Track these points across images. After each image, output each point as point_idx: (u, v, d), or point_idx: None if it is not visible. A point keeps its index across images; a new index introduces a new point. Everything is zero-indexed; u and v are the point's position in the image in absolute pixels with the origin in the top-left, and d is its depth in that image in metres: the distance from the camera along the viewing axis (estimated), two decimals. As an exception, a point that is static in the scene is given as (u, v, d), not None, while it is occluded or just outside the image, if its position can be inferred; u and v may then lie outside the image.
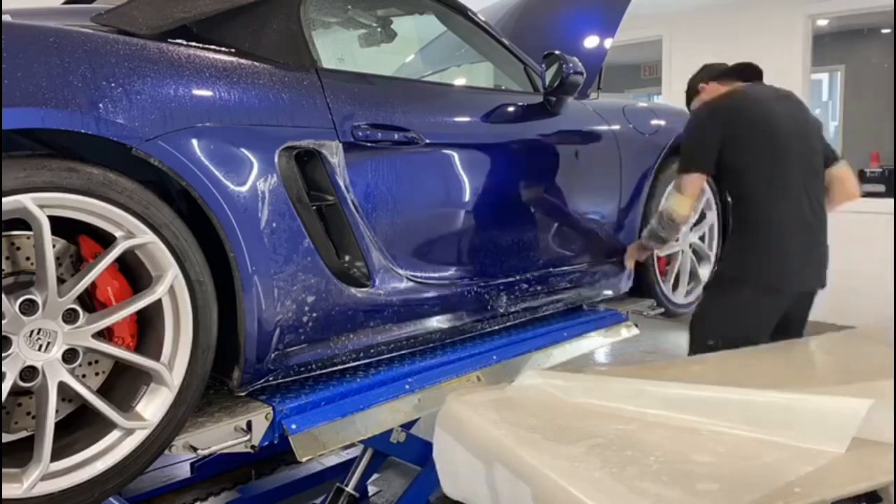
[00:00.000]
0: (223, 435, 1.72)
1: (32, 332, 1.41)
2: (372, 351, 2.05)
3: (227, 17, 1.85)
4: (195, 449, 1.68)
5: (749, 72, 2.70)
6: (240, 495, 2.97)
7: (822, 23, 6.03)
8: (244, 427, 1.75)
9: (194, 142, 1.60)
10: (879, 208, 5.22)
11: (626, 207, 2.85)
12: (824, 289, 2.57)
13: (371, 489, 3.08)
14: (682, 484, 1.29)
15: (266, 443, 1.79)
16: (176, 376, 1.59)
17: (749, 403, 1.54)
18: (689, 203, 2.52)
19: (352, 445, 2.28)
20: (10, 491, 1.37)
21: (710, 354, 2.31)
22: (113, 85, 1.50)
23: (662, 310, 3.12)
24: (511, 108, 2.47)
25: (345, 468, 2.72)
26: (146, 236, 1.51)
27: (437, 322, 2.21)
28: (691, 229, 3.21)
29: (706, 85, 2.72)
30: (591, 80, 2.87)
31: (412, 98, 2.23)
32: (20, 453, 1.44)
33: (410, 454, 2.44)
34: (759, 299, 2.45)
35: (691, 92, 2.82)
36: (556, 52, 2.39)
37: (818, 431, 1.41)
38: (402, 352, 2.20)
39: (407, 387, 2.08)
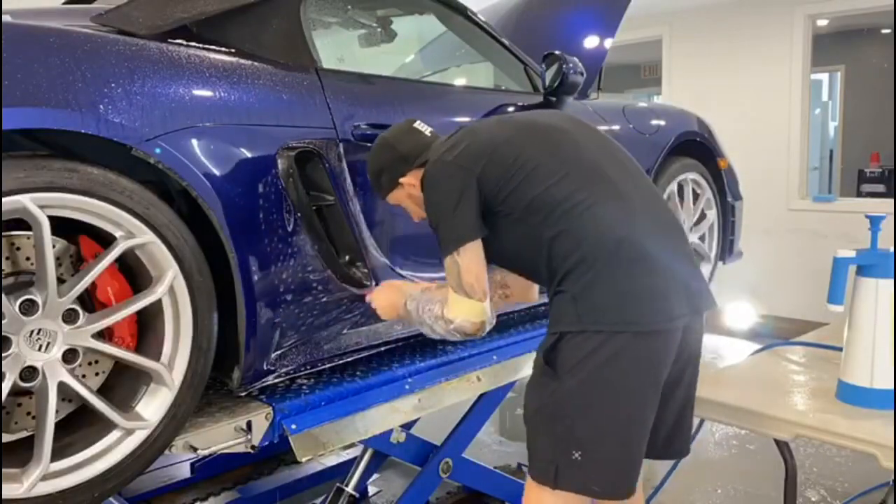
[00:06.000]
0: (223, 435, 1.72)
1: (32, 332, 1.41)
2: (372, 351, 2.05)
3: (227, 17, 1.85)
4: (195, 449, 1.68)
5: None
6: (240, 495, 2.97)
7: (822, 23, 6.03)
8: (244, 427, 1.75)
9: (194, 142, 1.60)
10: (879, 208, 5.22)
11: (626, 207, 2.85)
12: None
13: (371, 489, 3.08)
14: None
15: (266, 443, 1.79)
16: (176, 376, 1.59)
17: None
18: (483, 309, 1.66)
19: (352, 445, 2.28)
20: (10, 491, 1.37)
21: None
22: (113, 85, 1.50)
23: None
24: (511, 109, 2.47)
25: (345, 468, 2.72)
26: (146, 236, 1.51)
27: (437, 322, 2.21)
28: (691, 229, 3.21)
29: (405, 178, 1.79)
30: (591, 81, 2.87)
31: (412, 98, 2.23)
32: (20, 453, 1.44)
33: (410, 454, 2.44)
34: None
35: (387, 186, 1.84)
36: (556, 52, 2.39)
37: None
38: (403, 351, 2.20)
39: (407, 387, 2.08)
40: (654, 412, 1.60)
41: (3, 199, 1.32)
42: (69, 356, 1.47)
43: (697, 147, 3.23)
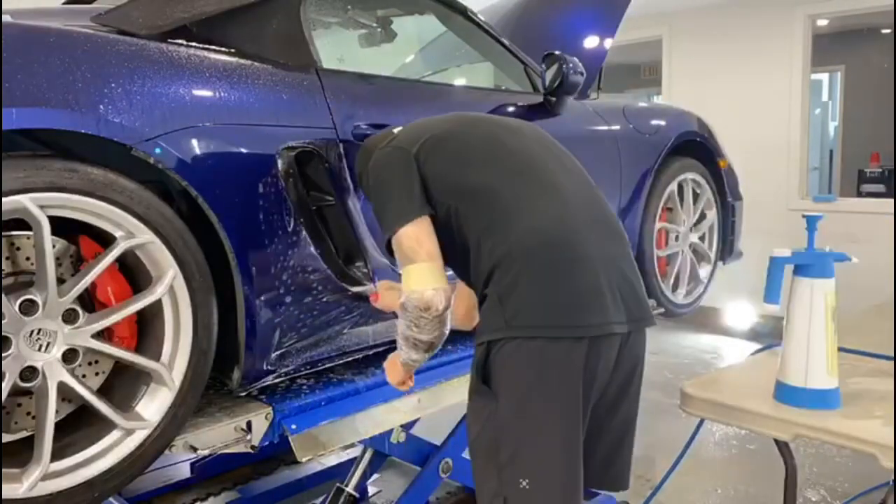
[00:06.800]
0: (223, 435, 1.72)
1: (32, 332, 1.41)
2: (372, 351, 2.05)
3: (227, 17, 1.85)
4: (195, 449, 1.68)
5: None
6: (240, 495, 2.97)
7: (822, 23, 6.03)
8: (244, 427, 1.75)
9: (194, 142, 1.60)
10: (879, 208, 5.22)
11: (626, 208, 2.85)
12: None
13: (371, 489, 3.08)
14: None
15: (266, 443, 1.79)
16: (176, 376, 1.59)
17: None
18: (430, 269, 1.50)
19: (352, 445, 2.29)
20: (11, 491, 1.37)
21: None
22: (113, 85, 1.50)
23: (662, 310, 3.12)
24: (511, 109, 2.47)
25: (345, 468, 2.72)
26: (146, 236, 1.51)
27: (437, 322, 2.21)
28: (691, 230, 3.21)
29: None
30: (591, 81, 2.87)
31: (412, 98, 2.23)
32: (20, 453, 1.44)
33: (410, 454, 2.44)
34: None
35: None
36: (556, 52, 2.39)
37: None
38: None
39: (407, 387, 2.08)
40: (584, 428, 1.46)
41: (3, 199, 1.32)
42: (69, 356, 1.47)
43: (697, 147, 3.23)
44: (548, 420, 1.41)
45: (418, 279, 1.49)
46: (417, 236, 1.50)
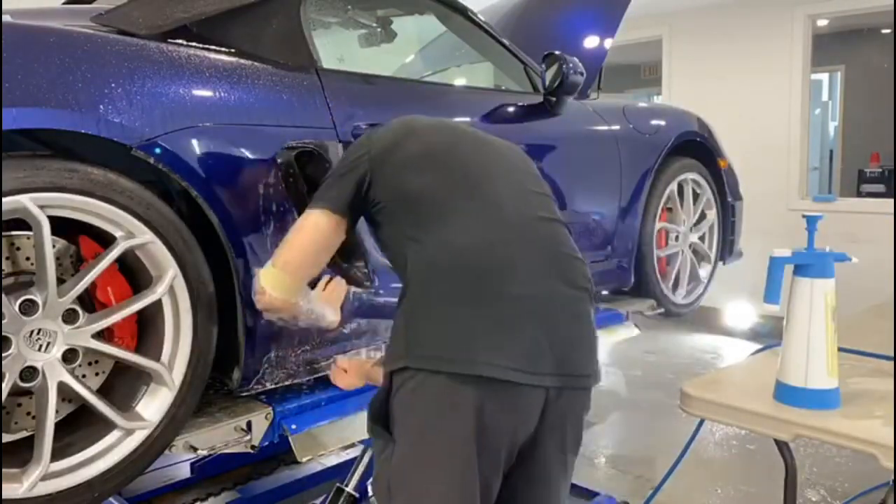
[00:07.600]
0: (223, 435, 1.72)
1: (32, 332, 1.41)
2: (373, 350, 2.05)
3: (227, 17, 1.85)
4: (195, 449, 1.68)
5: None
6: (240, 495, 2.97)
7: (822, 23, 6.03)
8: (244, 427, 1.75)
9: (194, 142, 1.60)
10: (879, 208, 5.22)
11: (627, 207, 2.85)
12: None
13: (371, 489, 3.07)
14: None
15: (266, 443, 1.80)
16: (176, 376, 1.59)
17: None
18: (283, 278, 1.49)
19: (352, 445, 2.28)
20: (11, 491, 1.37)
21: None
22: (113, 85, 1.50)
23: (662, 310, 3.13)
24: (511, 109, 2.47)
25: (345, 468, 2.72)
26: (146, 236, 1.51)
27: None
28: (691, 230, 3.21)
29: None
30: (591, 81, 2.87)
31: (412, 98, 2.23)
32: (20, 453, 1.44)
33: (410, 454, 2.43)
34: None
35: None
36: (556, 52, 2.39)
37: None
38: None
39: (407, 387, 2.07)
40: (497, 478, 1.33)
41: (3, 199, 1.32)
42: (69, 356, 1.47)
43: (697, 147, 3.23)
44: (448, 467, 1.28)
45: (270, 280, 1.48)
46: (301, 238, 1.48)
